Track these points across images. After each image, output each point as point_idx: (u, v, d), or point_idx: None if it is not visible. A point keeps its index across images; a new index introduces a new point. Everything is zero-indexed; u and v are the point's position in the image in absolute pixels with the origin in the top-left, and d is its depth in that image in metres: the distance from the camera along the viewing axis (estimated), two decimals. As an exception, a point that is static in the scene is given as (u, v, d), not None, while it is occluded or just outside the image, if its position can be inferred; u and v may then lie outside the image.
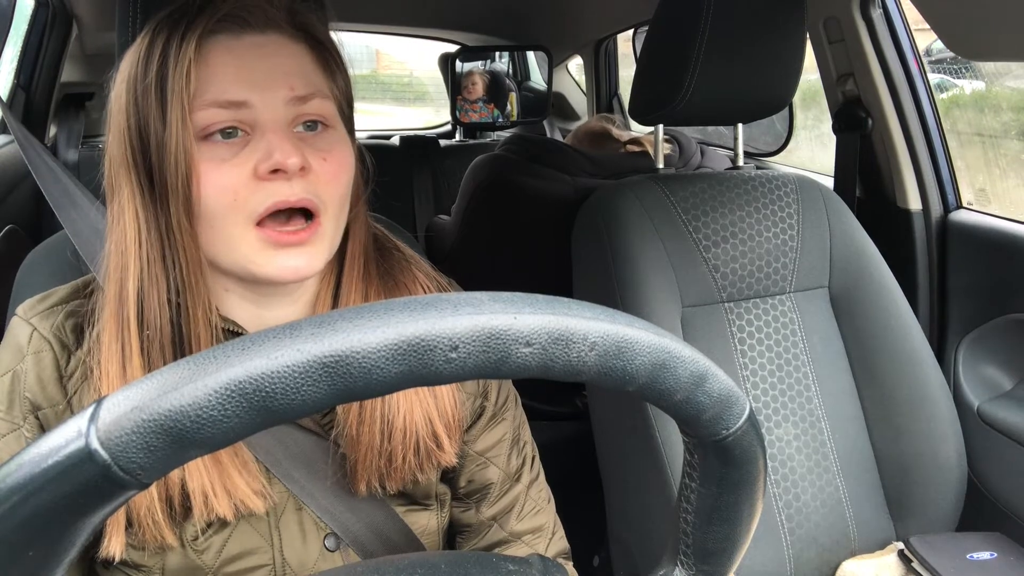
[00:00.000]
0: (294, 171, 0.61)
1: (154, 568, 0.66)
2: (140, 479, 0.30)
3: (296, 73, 0.64)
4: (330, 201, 0.65)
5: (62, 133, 2.19)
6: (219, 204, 0.62)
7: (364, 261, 0.73)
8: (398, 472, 0.70)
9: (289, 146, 0.61)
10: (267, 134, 0.62)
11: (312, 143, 0.65)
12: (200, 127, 0.61)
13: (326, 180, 0.64)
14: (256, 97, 0.62)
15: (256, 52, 0.63)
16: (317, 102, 0.65)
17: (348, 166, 0.67)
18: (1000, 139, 1.72)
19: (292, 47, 0.66)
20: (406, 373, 0.32)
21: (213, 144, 0.62)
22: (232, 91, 0.62)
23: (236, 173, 0.61)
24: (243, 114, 0.62)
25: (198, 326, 0.65)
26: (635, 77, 1.32)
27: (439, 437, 0.71)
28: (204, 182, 0.61)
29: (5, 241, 1.69)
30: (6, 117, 0.96)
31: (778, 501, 1.19)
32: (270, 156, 0.61)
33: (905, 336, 1.26)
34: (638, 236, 1.19)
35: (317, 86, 0.66)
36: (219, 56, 0.62)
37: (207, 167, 0.61)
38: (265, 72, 0.63)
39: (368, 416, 0.68)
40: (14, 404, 0.66)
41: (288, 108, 0.63)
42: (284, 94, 0.63)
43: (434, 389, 0.71)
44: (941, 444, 1.23)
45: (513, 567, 0.52)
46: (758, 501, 0.45)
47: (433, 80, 3.51)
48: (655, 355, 0.36)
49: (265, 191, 0.62)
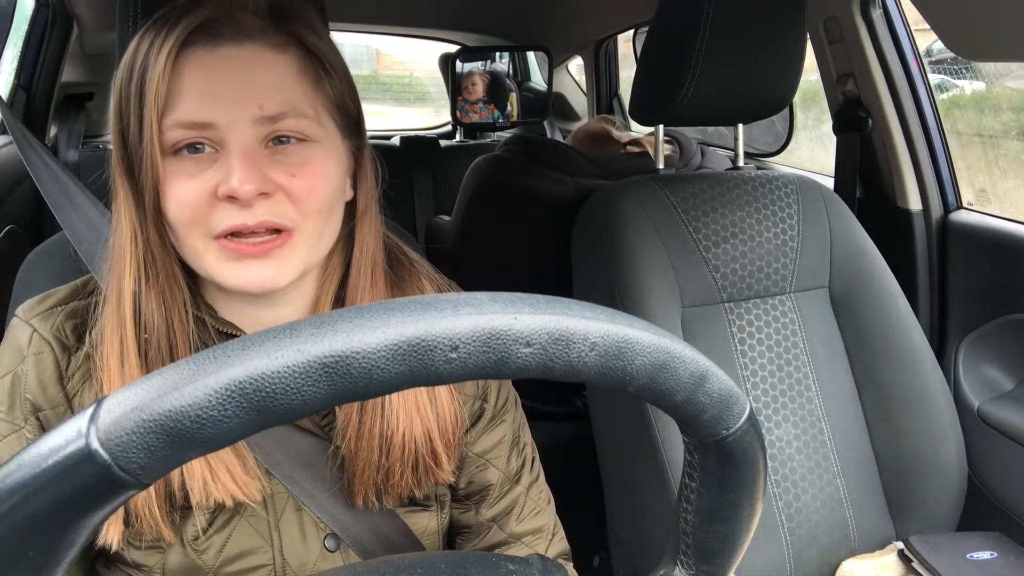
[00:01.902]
0: (249, 198, 0.60)
1: (154, 568, 0.66)
2: (140, 479, 0.30)
3: (269, 89, 0.62)
4: (305, 215, 0.64)
5: (62, 133, 2.19)
6: (180, 217, 0.62)
7: (372, 269, 0.71)
8: (395, 488, 0.69)
9: (247, 172, 0.60)
10: (230, 155, 0.61)
11: (283, 159, 0.63)
12: (168, 144, 0.61)
13: (298, 196, 0.63)
14: (222, 117, 0.61)
15: (228, 66, 0.62)
16: (291, 120, 0.63)
17: (327, 177, 0.65)
18: (1000, 139, 1.72)
19: (271, 58, 0.63)
20: (406, 373, 0.32)
21: (182, 159, 0.62)
22: (198, 111, 0.61)
23: (198, 190, 0.61)
24: (209, 133, 0.61)
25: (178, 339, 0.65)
26: (635, 77, 1.32)
27: (438, 455, 0.70)
28: (168, 195, 0.61)
29: (5, 241, 1.69)
30: (6, 117, 0.95)
31: (778, 501, 1.19)
32: (227, 181, 0.60)
33: (905, 336, 1.26)
34: (638, 236, 1.19)
35: (292, 102, 0.63)
36: (191, 71, 0.61)
37: (173, 181, 0.61)
38: (233, 88, 0.61)
39: (367, 431, 0.67)
40: (15, 405, 0.66)
41: (256, 127, 0.62)
42: (251, 112, 0.61)
43: (436, 405, 0.70)
44: (941, 444, 1.23)
45: (513, 567, 0.52)
46: (758, 501, 0.45)
47: (433, 80, 3.51)
48: (655, 355, 0.36)
49: (224, 212, 0.61)
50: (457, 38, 2.94)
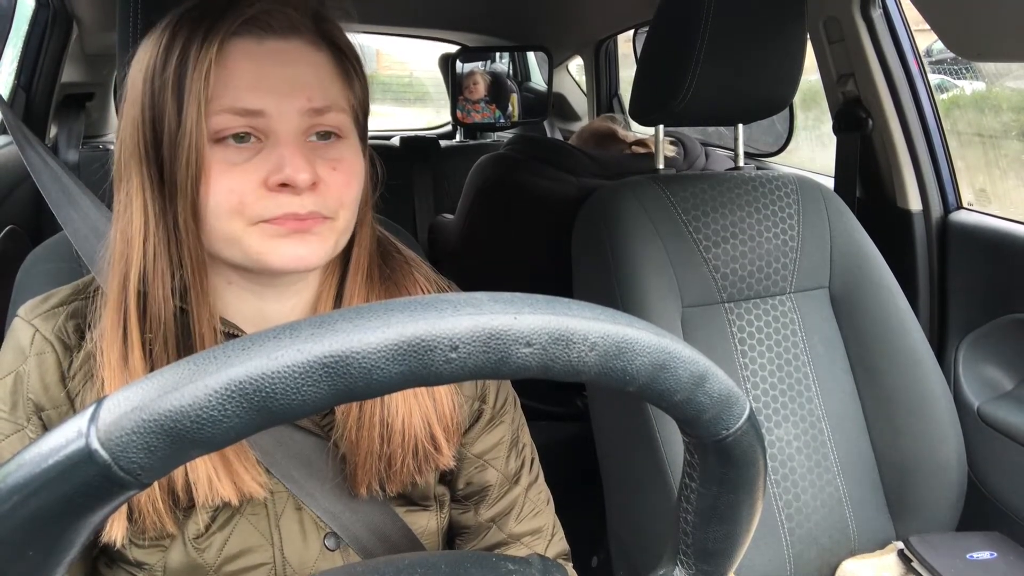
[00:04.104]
0: (304, 187, 0.61)
1: (156, 566, 0.66)
2: (140, 479, 0.30)
3: (315, 83, 0.64)
4: (340, 209, 0.65)
5: (62, 133, 2.19)
6: (225, 206, 0.62)
7: (368, 264, 0.72)
8: (398, 475, 0.70)
9: (301, 160, 0.61)
10: (280, 145, 0.62)
11: (323, 153, 0.65)
12: (214, 130, 0.61)
13: (336, 189, 0.64)
14: (272, 106, 0.62)
15: (276, 59, 0.63)
16: (333, 115, 0.65)
17: (358, 175, 0.67)
18: (1000, 139, 1.72)
19: (313, 55, 0.65)
20: (406, 373, 0.32)
21: (225, 147, 0.62)
22: (248, 99, 0.61)
23: (245, 179, 0.61)
24: (258, 122, 0.62)
25: (202, 327, 0.65)
26: (635, 77, 1.32)
27: (437, 440, 0.71)
28: (212, 184, 0.61)
29: (5, 241, 1.69)
30: (6, 117, 0.96)
31: (778, 501, 1.19)
32: (281, 169, 0.61)
33: (905, 336, 1.26)
34: (638, 236, 1.19)
35: (334, 98, 0.65)
36: (239, 61, 0.62)
37: (218, 169, 0.61)
38: (283, 81, 0.63)
39: (367, 421, 0.68)
40: (17, 405, 0.66)
41: (303, 119, 0.63)
42: (301, 104, 0.63)
43: (433, 393, 0.71)
44: (941, 444, 1.23)
45: (513, 567, 0.52)
46: (758, 501, 0.45)
47: (434, 80, 3.51)
48: (655, 355, 0.36)
49: (275, 202, 0.62)
50: (457, 38, 2.94)
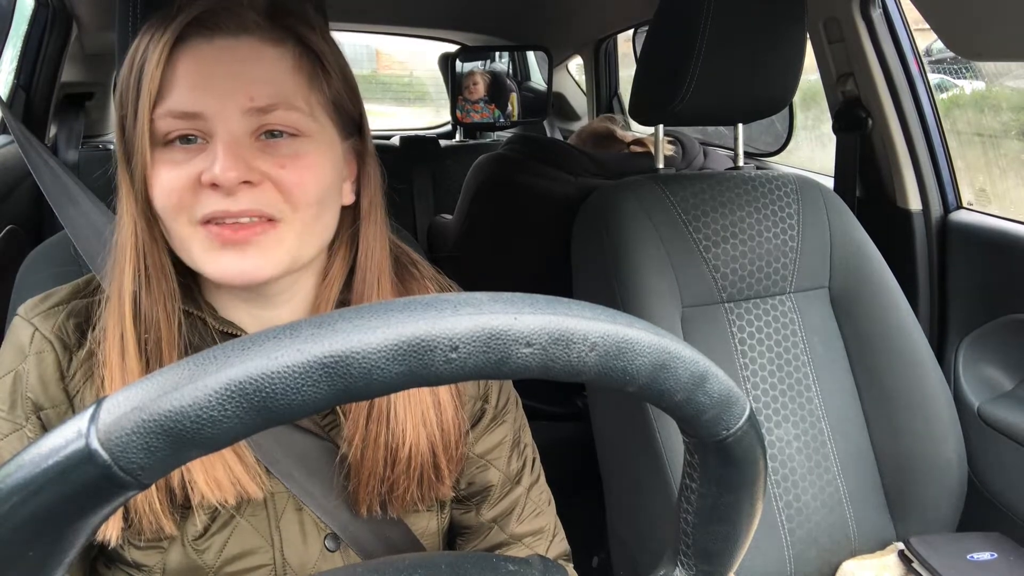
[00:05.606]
0: (231, 186, 0.60)
1: (155, 568, 0.66)
2: (140, 479, 0.30)
3: (262, 81, 0.63)
4: (295, 207, 0.63)
5: (62, 133, 2.19)
6: (166, 204, 0.62)
7: (379, 276, 0.71)
8: (399, 500, 0.69)
9: (229, 159, 0.60)
10: (217, 145, 0.61)
11: (273, 151, 0.63)
12: (161, 133, 0.62)
13: (287, 188, 0.63)
14: (212, 108, 0.61)
15: (221, 58, 0.62)
16: (281, 112, 0.63)
17: (318, 170, 0.65)
18: (1000, 139, 1.72)
19: (267, 52, 0.64)
20: (406, 373, 0.32)
21: (172, 149, 0.62)
22: (187, 102, 0.61)
23: (183, 177, 0.61)
24: (199, 124, 0.62)
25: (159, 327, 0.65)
26: (635, 77, 1.32)
27: (440, 469, 0.70)
28: (155, 184, 0.62)
29: (5, 241, 1.69)
30: (6, 117, 0.96)
31: (778, 501, 1.19)
32: (210, 168, 0.60)
33: (905, 336, 1.26)
34: (638, 236, 1.19)
35: (284, 95, 0.63)
36: (185, 63, 0.62)
37: (162, 169, 0.62)
38: (226, 80, 0.62)
39: (372, 441, 0.67)
40: (16, 404, 0.66)
41: (246, 118, 0.62)
42: (241, 104, 0.62)
43: (442, 419, 0.70)
44: (941, 444, 1.23)
45: (513, 567, 0.52)
46: (758, 501, 0.45)
47: (433, 80, 3.51)
48: (655, 356, 0.36)
49: (208, 199, 0.61)
50: (457, 38, 2.94)
